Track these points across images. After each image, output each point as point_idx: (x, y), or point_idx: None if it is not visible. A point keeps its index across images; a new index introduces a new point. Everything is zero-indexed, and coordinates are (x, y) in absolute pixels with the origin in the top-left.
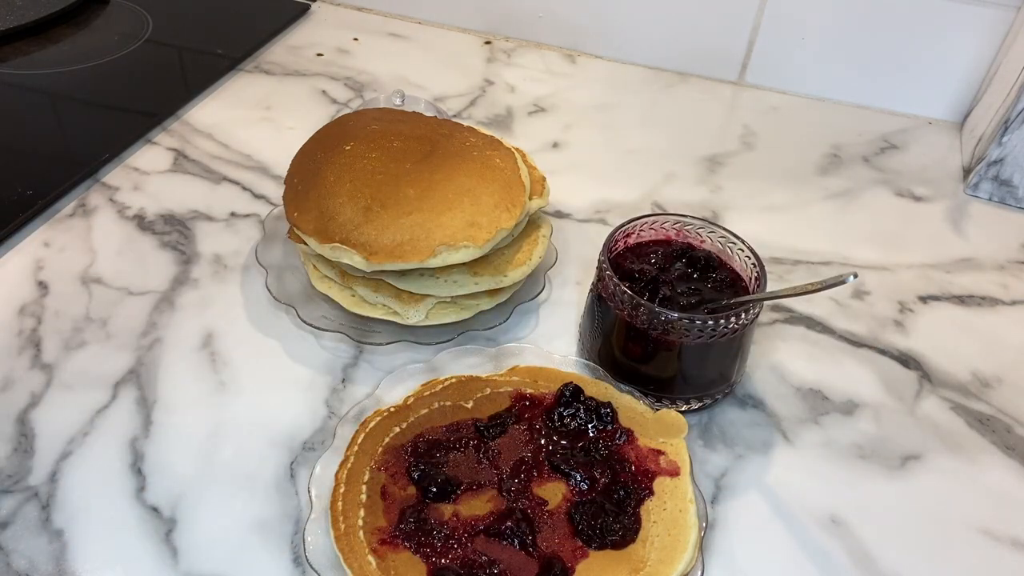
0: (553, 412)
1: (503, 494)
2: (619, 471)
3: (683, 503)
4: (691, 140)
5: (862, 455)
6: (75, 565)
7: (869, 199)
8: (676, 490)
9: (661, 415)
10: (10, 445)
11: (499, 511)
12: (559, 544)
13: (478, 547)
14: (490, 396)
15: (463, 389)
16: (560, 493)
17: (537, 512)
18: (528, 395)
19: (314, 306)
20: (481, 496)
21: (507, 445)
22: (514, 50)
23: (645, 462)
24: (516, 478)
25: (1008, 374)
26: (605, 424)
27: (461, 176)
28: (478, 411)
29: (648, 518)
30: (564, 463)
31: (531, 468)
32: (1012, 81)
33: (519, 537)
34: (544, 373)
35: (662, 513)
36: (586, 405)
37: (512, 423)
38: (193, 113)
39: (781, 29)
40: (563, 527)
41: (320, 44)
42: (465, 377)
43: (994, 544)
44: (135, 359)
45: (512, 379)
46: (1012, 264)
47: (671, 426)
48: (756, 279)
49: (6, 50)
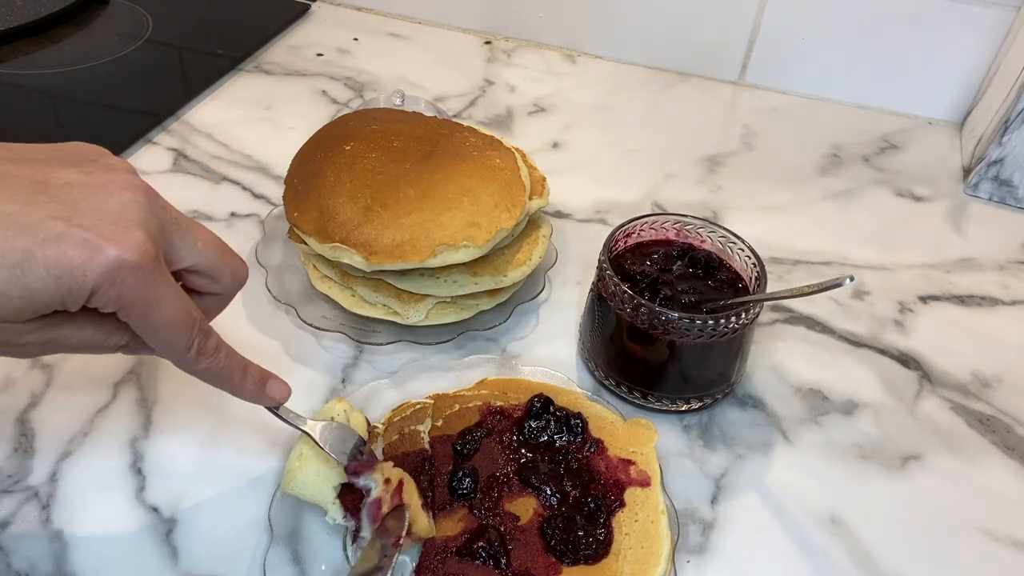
0: (523, 425)
1: (474, 512)
2: (589, 483)
3: (655, 514)
4: (691, 140)
5: (862, 455)
6: (75, 565)
7: (869, 199)
8: (647, 501)
9: (632, 423)
10: (10, 445)
11: (471, 529)
12: (532, 561)
13: (450, 569)
14: (459, 412)
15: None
16: (531, 508)
17: (510, 529)
18: (498, 408)
19: (314, 306)
20: (453, 516)
21: (480, 461)
22: (514, 50)
23: (615, 473)
24: (488, 495)
25: (1008, 374)
26: (575, 435)
27: (461, 176)
28: (448, 428)
29: (620, 530)
30: (534, 477)
31: (502, 484)
32: (1012, 81)
33: (492, 557)
34: (513, 384)
35: (634, 525)
36: (556, 416)
37: (483, 437)
38: (193, 113)
39: (781, 29)
40: (535, 543)
41: (320, 44)
42: (434, 396)
43: (994, 544)
44: (135, 359)
45: (481, 392)
46: (1012, 264)
47: (641, 434)
48: (756, 279)
49: (6, 50)
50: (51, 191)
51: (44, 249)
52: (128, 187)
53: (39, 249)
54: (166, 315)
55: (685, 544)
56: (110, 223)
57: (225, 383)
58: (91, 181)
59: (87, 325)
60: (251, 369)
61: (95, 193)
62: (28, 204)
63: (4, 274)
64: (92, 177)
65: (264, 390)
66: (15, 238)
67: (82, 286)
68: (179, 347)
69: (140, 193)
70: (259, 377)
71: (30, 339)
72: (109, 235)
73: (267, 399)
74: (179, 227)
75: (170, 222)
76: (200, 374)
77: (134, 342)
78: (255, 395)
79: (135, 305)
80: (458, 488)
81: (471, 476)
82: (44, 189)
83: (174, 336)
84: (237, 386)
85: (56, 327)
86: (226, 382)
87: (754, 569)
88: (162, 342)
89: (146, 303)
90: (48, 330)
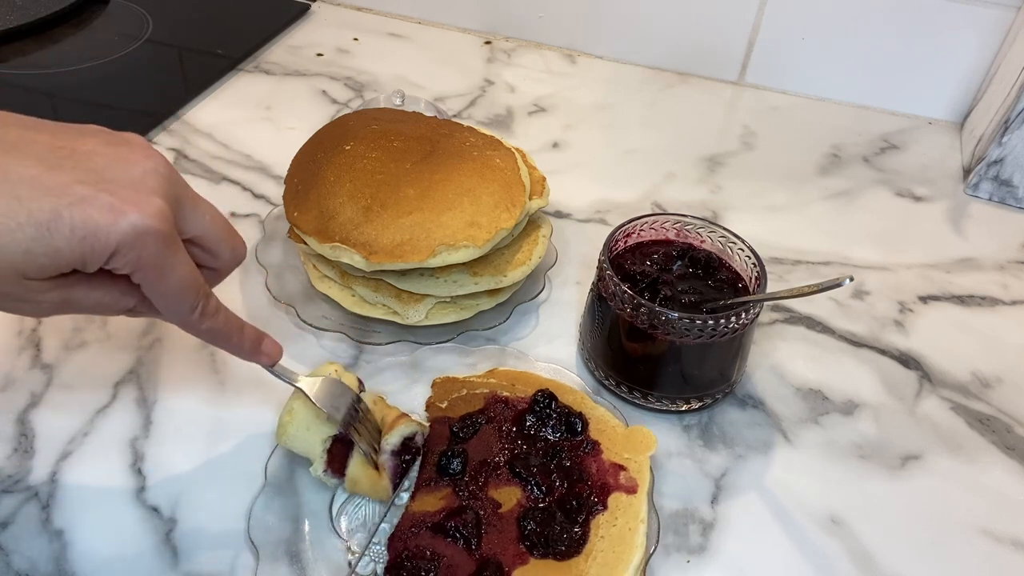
0: (524, 417)
1: (458, 493)
2: (576, 482)
3: (634, 522)
4: (691, 140)
5: (862, 455)
6: (75, 565)
7: (869, 199)
8: (630, 508)
9: (632, 431)
10: (10, 445)
11: (451, 508)
12: (502, 548)
13: (422, 542)
14: (466, 396)
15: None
16: (515, 498)
17: (489, 514)
18: (503, 398)
19: (314, 306)
20: (436, 493)
21: (475, 447)
22: (514, 50)
23: (604, 476)
24: (475, 479)
25: (1008, 374)
26: (573, 434)
27: (461, 176)
28: (451, 411)
29: (596, 532)
30: (523, 468)
31: (491, 470)
32: (1012, 81)
33: (464, 538)
34: (523, 377)
35: (611, 529)
36: (557, 413)
37: (483, 424)
38: (193, 113)
39: (781, 29)
40: (511, 531)
41: (320, 44)
42: (443, 378)
43: (994, 544)
44: (135, 359)
45: (489, 381)
46: (1012, 264)
47: (640, 443)
48: (756, 279)
49: (6, 50)
50: (76, 157)
51: (72, 211)
52: (149, 157)
53: (67, 210)
54: (177, 278)
55: (685, 544)
56: (133, 190)
57: (224, 341)
58: (113, 151)
59: (100, 287)
60: (247, 328)
61: (118, 162)
62: (53, 168)
63: (32, 232)
64: (113, 148)
65: (260, 348)
66: (43, 198)
67: (104, 247)
68: (185, 309)
69: (160, 163)
70: (255, 336)
71: (46, 297)
72: (132, 201)
73: (262, 356)
74: (190, 199)
75: (183, 193)
76: (203, 334)
77: (141, 305)
78: (251, 352)
79: (151, 268)
80: (447, 467)
81: (461, 457)
82: (69, 155)
83: (182, 299)
84: (235, 344)
85: (71, 287)
86: (225, 340)
87: (754, 569)
88: (170, 304)
89: (161, 267)
90: (64, 290)
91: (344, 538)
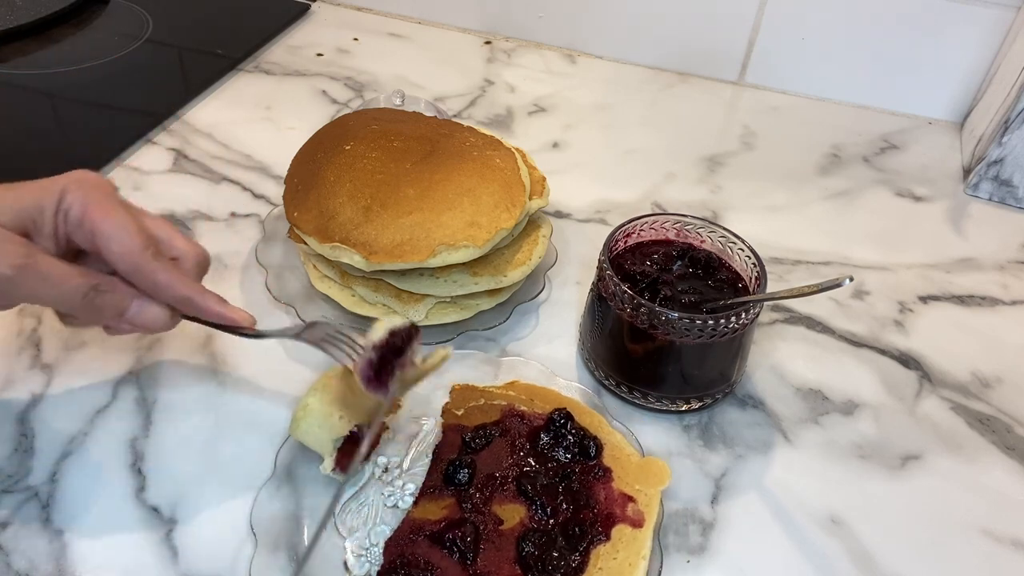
0: (538, 435)
1: (461, 504)
2: (583, 507)
3: (635, 557)
4: (691, 140)
5: (862, 455)
6: (75, 565)
7: (869, 199)
8: (633, 542)
9: (647, 462)
10: (10, 445)
11: (451, 519)
12: (497, 567)
13: (418, 550)
14: (483, 407)
15: (458, 398)
16: (518, 516)
17: (489, 530)
18: (520, 412)
19: (314, 306)
20: (439, 501)
21: (485, 459)
22: (514, 50)
23: (612, 505)
24: (480, 492)
25: (1008, 374)
26: (586, 458)
27: (461, 176)
28: (467, 419)
29: (595, 563)
30: (530, 487)
31: (498, 485)
32: (1012, 81)
33: (460, 551)
34: (542, 393)
35: (611, 562)
36: (572, 434)
37: (497, 436)
38: (193, 113)
39: (781, 29)
40: (508, 550)
41: (320, 44)
42: (461, 386)
43: (994, 544)
44: (135, 359)
45: (508, 393)
46: (1012, 264)
47: (653, 475)
48: (756, 279)
49: (6, 50)
50: None
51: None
52: None
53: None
54: (123, 216)
55: (685, 544)
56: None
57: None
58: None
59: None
60: (209, 292)
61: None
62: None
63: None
64: None
65: (226, 307)
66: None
67: (54, 187)
68: (137, 246)
69: None
70: (218, 297)
71: None
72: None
73: (228, 317)
74: None
75: None
76: (162, 289)
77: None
78: (219, 310)
79: (96, 205)
80: (454, 476)
81: (469, 468)
82: None
83: (132, 236)
84: (199, 301)
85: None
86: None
87: (754, 569)
88: (122, 244)
89: (106, 208)
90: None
91: (344, 535)
